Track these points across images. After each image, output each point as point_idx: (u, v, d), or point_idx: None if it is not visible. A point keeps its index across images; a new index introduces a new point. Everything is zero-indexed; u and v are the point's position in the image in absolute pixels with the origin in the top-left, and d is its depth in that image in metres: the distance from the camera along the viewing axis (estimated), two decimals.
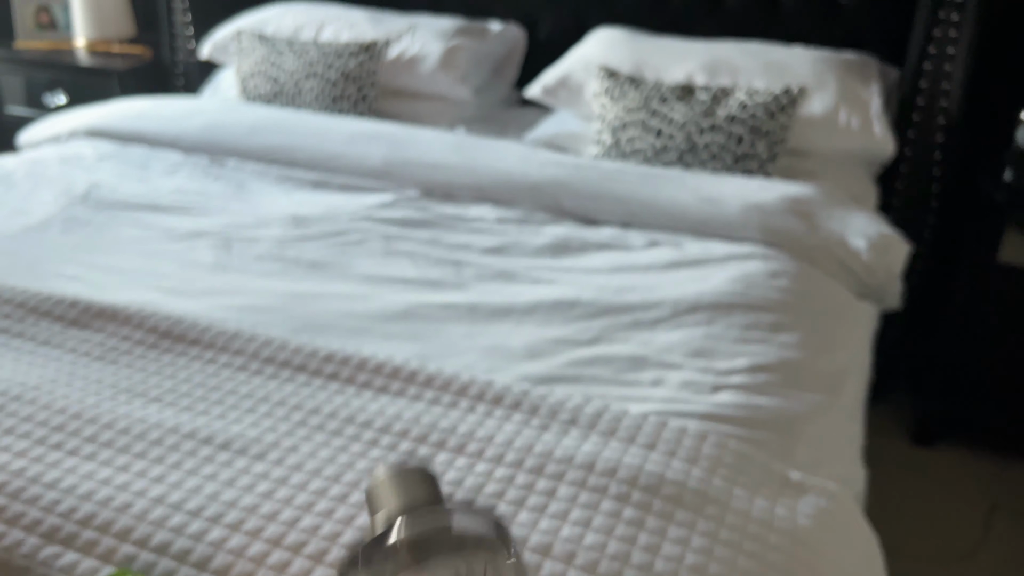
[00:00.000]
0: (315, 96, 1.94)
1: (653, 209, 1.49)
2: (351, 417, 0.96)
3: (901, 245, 1.47)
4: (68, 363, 1.07)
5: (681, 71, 1.77)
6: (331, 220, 1.49)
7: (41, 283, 1.25)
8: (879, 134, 1.66)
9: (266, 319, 1.18)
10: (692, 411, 1.00)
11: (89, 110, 1.93)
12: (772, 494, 0.89)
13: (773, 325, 1.19)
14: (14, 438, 0.94)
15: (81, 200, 1.54)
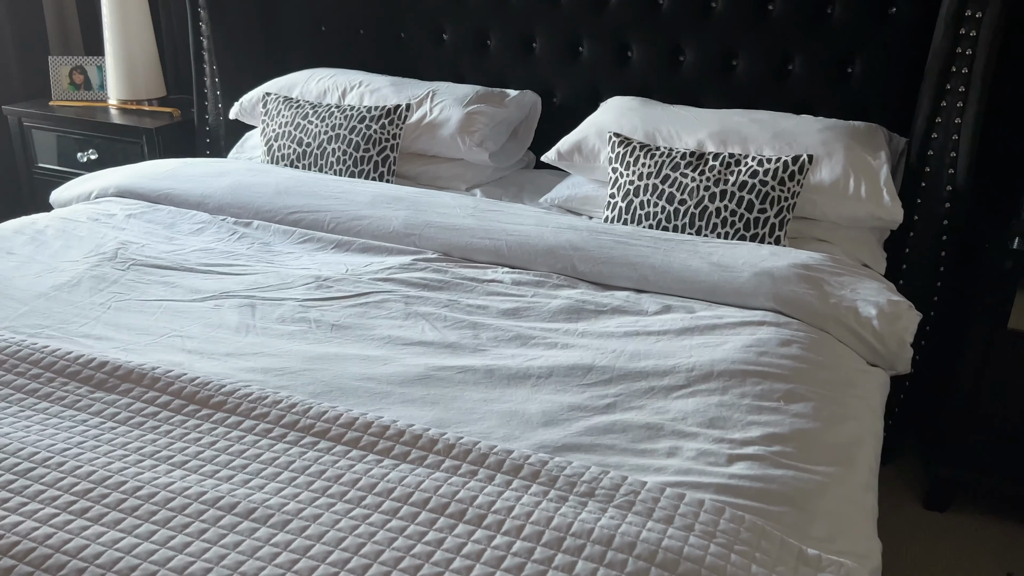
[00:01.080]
0: (338, 158, 2.00)
1: (665, 274, 1.51)
2: (371, 486, 0.97)
3: (911, 313, 1.49)
4: (94, 427, 1.10)
5: (692, 139, 1.82)
6: (352, 282, 1.52)
7: (69, 343, 1.28)
8: (887, 201, 1.69)
9: (288, 382, 1.20)
10: (708, 483, 1.01)
11: (119, 170, 2.00)
12: (789, 572, 0.90)
13: (786, 394, 1.21)
14: (40, 503, 0.95)
15: (110, 259, 1.59)
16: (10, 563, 0.87)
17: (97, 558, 0.87)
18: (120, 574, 0.85)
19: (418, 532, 0.91)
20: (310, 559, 0.86)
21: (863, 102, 1.94)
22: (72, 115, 2.44)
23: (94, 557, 0.87)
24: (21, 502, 0.95)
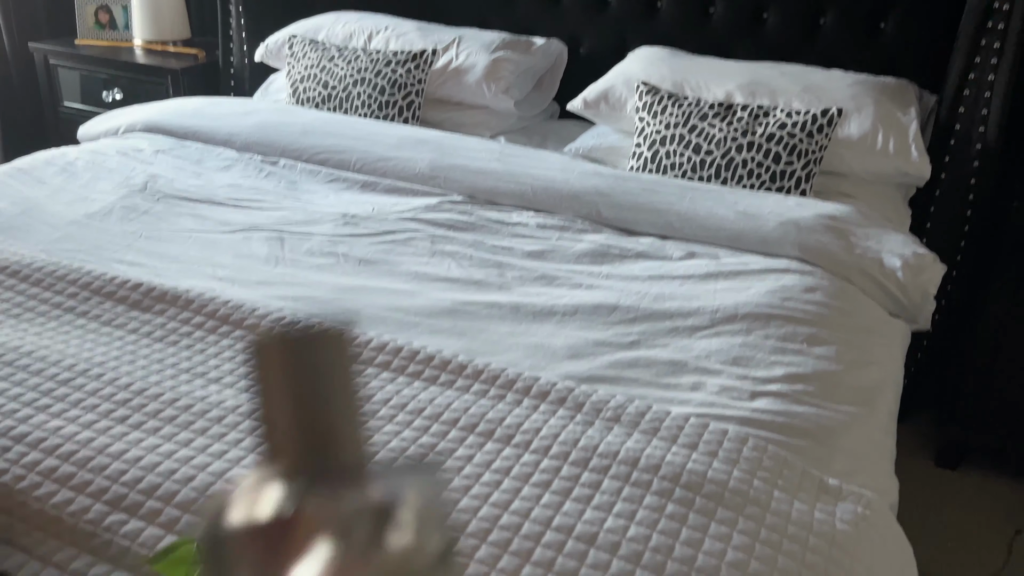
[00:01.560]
0: (363, 102, 2.00)
1: (691, 221, 1.52)
2: (402, 405, 0.99)
3: (936, 265, 1.49)
4: (131, 343, 1.12)
5: (721, 90, 1.81)
6: (379, 220, 1.53)
7: (103, 267, 1.31)
8: (915, 157, 1.68)
9: (318, 310, 1.22)
10: (731, 415, 1.03)
11: (146, 106, 2.00)
12: (811, 498, 0.92)
13: (809, 337, 1.22)
14: (81, 410, 0.98)
15: (140, 191, 1.60)
16: (55, 463, 0.90)
17: (138, 461, 0.90)
18: (162, 475, 0.88)
19: (448, 448, 0.93)
20: None
21: (894, 59, 1.92)
22: (97, 54, 2.44)
23: (135, 460, 0.90)
24: (63, 408, 0.98)
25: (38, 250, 1.35)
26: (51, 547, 0.85)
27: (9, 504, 0.88)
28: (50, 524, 0.87)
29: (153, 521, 0.86)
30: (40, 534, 0.86)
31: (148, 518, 0.86)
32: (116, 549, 0.84)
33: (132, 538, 0.85)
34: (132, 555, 0.82)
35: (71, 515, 0.87)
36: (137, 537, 0.85)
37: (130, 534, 0.85)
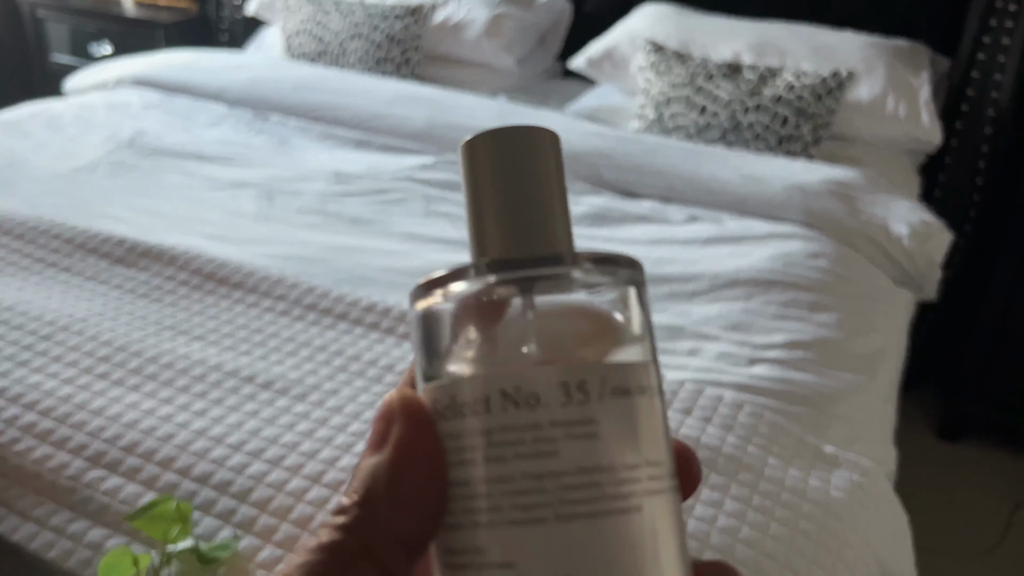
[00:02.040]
0: (359, 57, 1.95)
1: (694, 184, 1.48)
2: (391, 365, 0.97)
3: (943, 233, 1.45)
4: (114, 299, 1.10)
5: (728, 49, 1.75)
6: (372, 178, 1.50)
7: (89, 222, 1.27)
8: (926, 123, 1.64)
9: (308, 269, 1.19)
10: (728, 381, 1.01)
11: (136, 60, 1.95)
12: (806, 465, 0.90)
13: (811, 304, 1.19)
14: (62, 366, 0.96)
15: (127, 146, 1.57)
16: (35, 418, 0.88)
17: (120, 417, 0.88)
18: (143, 432, 0.86)
19: None
20: (331, 428, 0.87)
21: (908, 20, 1.86)
22: (86, 6, 2.37)
23: (117, 416, 0.88)
24: (44, 363, 0.95)
25: (22, 204, 1.31)
26: (30, 502, 0.83)
27: None
28: (29, 479, 0.85)
29: (133, 478, 0.84)
30: (19, 489, 0.85)
31: (128, 475, 0.84)
32: (96, 505, 0.82)
33: (112, 495, 0.83)
34: (112, 511, 0.81)
35: (51, 471, 0.85)
36: (117, 494, 0.83)
37: (110, 490, 0.83)
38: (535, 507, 0.19)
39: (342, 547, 0.18)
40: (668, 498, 0.20)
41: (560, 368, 0.20)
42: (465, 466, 0.20)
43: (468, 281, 0.21)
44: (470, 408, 0.20)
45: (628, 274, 0.22)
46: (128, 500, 0.81)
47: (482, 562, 0.19)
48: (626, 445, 0.20)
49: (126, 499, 0.82)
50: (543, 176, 0.22)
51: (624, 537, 0.19)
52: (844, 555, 0.82)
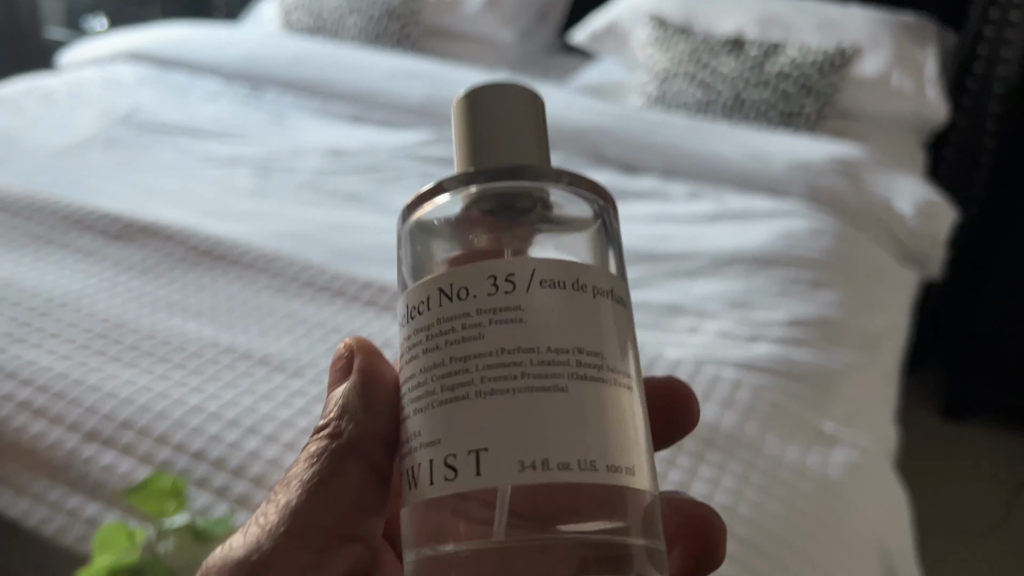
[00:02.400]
0: (357, 32, 1.92)
1: (696, 161, 1.46)
2: (388, 342, 0.96)
3: (947, 211, 1.44)
4: (111, 275, 1.09)
5: (732, 23, 1.73)
6: (369, 154, 1.48)
7: (83, 198, 1.26)
8: (932, 99, 1.61)
9: (304, 246, 1.18)
10: (728, 359, 1.00)
11: (131, 33, 1.93)
12: (805, 443, 0.89)
13: (813, 282, 1.18)
14: (59, 342, 0.95)
15: (122, 122, 1.55)
16: (31, 394, 0.88)
17: (116, 393, 0.88)
18: (139, 409, 0.86)
19: None
20: (323, 403, 0.86)
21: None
22: None
23: (113, 392, 0.88)
24: (40, 339, 0.95)
25: (17, 180, 1.30)
26: (27, 478, 0.83)
27: None
28: (26, 455, 0.85)
29: (130, 454, 0.84)
30: (16, 465, 0.85)
31: (125, 451, 0.84)
32: (93, 481, 0.82)
33: (109, 470, 0.83)
34: (109, 487, 0.80)
35: (48, 447, 0.85)
36: (114, 469, 0.83)
37: (107, 466, 0.83)
38: (459, 386, 0.20)
39: (330, 449, 0.21)
40: (612, 391, 0.20)
41: (490, 263, 0.21)
42: (412, 362, 0.21)
43: (450, 192, 0.23)
44: (416, 310, 0.22)
45: (601, 203, 0.23)
46: (125, 476, 0.81)
47: (418, 444, 0.20)
48: (553, 331, 0.20)
49: (123, 475, 0.82)
50: (522, 119, 0.24)
51: (542, 413, 0.19)
52: (842, 533, 0.82)
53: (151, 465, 0.82)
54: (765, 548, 0.76)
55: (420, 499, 0.20)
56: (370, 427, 0.21)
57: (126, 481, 0.80)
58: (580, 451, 0.19)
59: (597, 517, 0.19)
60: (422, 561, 0.20)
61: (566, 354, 0.20)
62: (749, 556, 0.75)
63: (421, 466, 0.20)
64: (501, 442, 0.19)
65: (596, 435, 0.20)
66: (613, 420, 0.20)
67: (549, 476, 0.19)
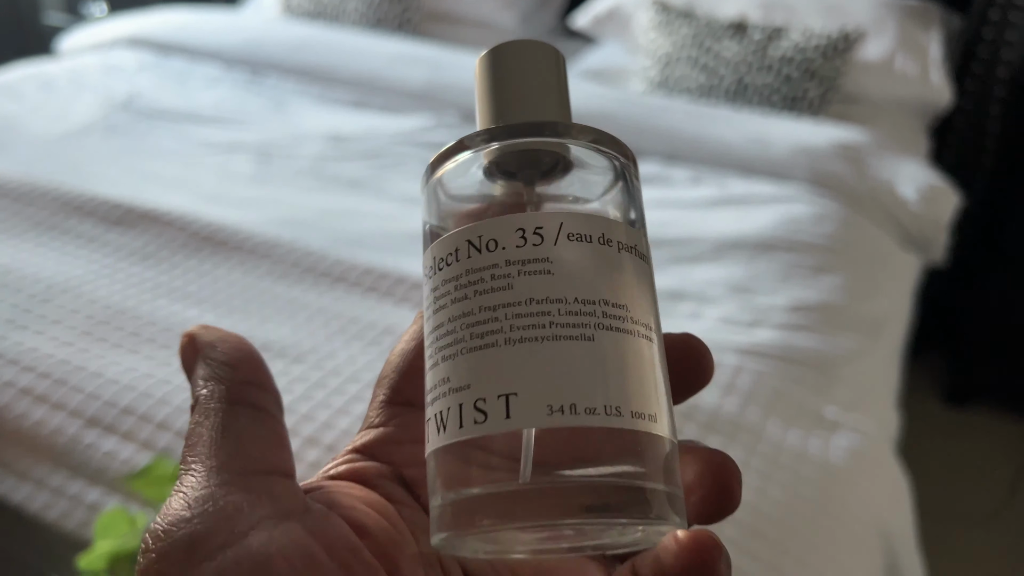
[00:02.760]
0: (358, 16, 1.91)
1: (698, 145, 1.46)
2: (389, 328, 0.96)
3: (950, 196, 1.43)
4: (111, 261, 1.09)
5: (735, 7, 1.71)
6: (370, 140, 1.47)
7: (83, 185, 1.26)
8: (936, 83, 1.60)
9: (304, 232, 1.18)
10: (729, 345, 1.00)
11: (131, 19, 1.92)
12: (806, 429, 0.89)
13: (815, 267, 1.17)
14: (60, 329, 0.95)
15: (122, 108, 1.54)
16: (33, 381, 0.88)
17: (117, 380, 0.88)
18: (140, 395, 0.86)
19: None
20: (329, 390, 0.86)
21: None
22: None
23: (114, 378, 0.88)
24: (42, 326, 0.95)
25: (17, 167, 1.30)
26: (29, 463, 0.84)
27: None
28: (28, 441, 0.85)
29: (132, 440, 0.84)
30: (18, 451, 0.85)
31: (127, 437, 0.84)
32: (94, 467, 0.82)
33: (111, 456, 0.83)
34: (110, 473, 0.81)
35: (49, 433, 0.85)
36: (116, 455, 0.83)
37: (109, 452, 0.83)
38: (489, 334, 0.21)
39: (212, 410, 0.22)
40: (635, 342, 0.21)
41: (519, 216, 0.22)
42: (440, 311, 0.22)
43: (472, 150, 0.23)
44: (444, 261, 0.22)
45: (622, 160, 0.23)
46: (126, 462, 0.81)
47: (446, 389, 0.21)
48: (580, 283, 0.21)
49: (124, 460, 0.82)
50: (544, 77, 0.24)
51: (570, 361, 0.20)
52: (842, 517, 0.82)
53: (152, 451, 0.82)
54: (766, 532, 0.76)
55: (448, 441, 0.20)
56: (235, 377, 0.23)
57: (127, 467, 0.80)
58: (606, 397, 0.20)
59: (619, 461, 0.20)
60: (449, 504, 0.20)
61: (592, 305, 0.21)
62: (750, 541, 0.75)
63: (450, 410, 0.20)
64: (530, 387, 0.20)
65: (621, 382, 0.20)
66: (636, 369, 0.21)
67: (576, 420, 0.20)
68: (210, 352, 0.23)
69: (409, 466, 0.24)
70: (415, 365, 0.25)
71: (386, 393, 0.25)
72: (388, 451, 0.24)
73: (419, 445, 0.23)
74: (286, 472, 0.22)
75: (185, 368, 0.24)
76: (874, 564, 0.82)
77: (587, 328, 0.20)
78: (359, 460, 0.24)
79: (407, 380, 0.25)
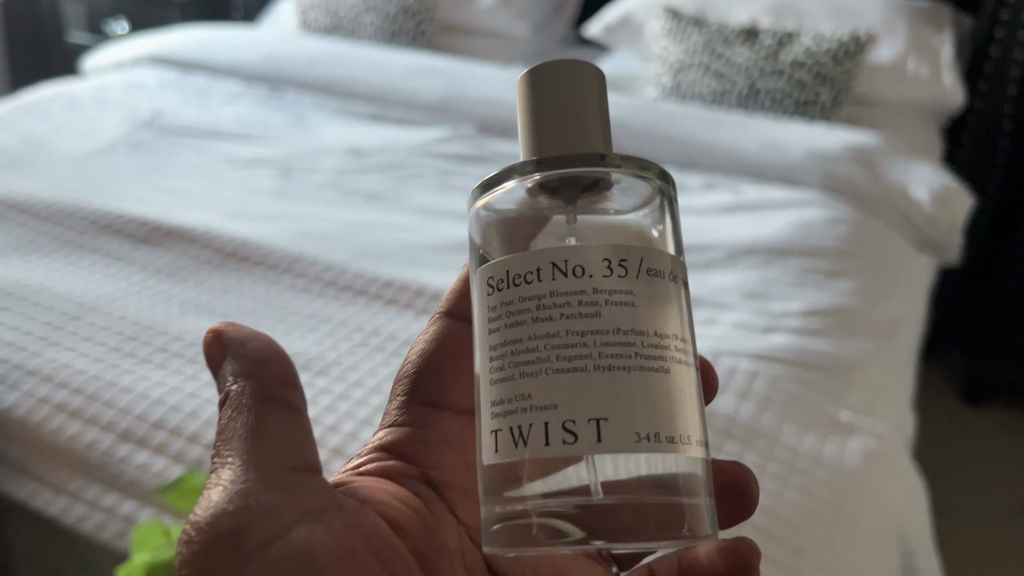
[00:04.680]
0: (373, 30, 1.94)
1: (712, 152, 1.47)
2: (410, 339, 0.98)
3: (964, 197, 1.43)
4: (139, 278, 1.12)
5: (746, 12, 1.72)
6: (388, 153, 1.50)
7: (110, 203, 1.29)
8: (948, 84, 1.60)
9: (326, 245, 1.21)
10: (744, 350, 1.01)
11: (152, 37, 1.96)
12: (821, 432, 0.90)
13: (829, 271, 1.18)
14: (91, 345, 0.99)
15: (145, 125, 1.58)
16: (67, 396, 0.91)
17: (148, 394, 0.90)
18: (170, 409, 0.89)
19: None
20: (351, 402, 0.89)
21: None
22: None
23: (145, 393, 0.91)
24: (74, 343, 0.98)
25: (45, 186, 1.34)
26: (64, 477, 0.87)
27: (23, 435, 0.89)
28: (63, 456, 0.88)
29: (163, 453, 0.87)
30: (53, 464, 0.88)
31: (158, 450, 0.87)
32: (127, 479, 0.85)
33: (143, 469, 0.86)
34: (143, 485, 0.83)
35: (84, 447, 0.88)
36: (148, 468, 0.86)
37: (141, 465, 0.86)
38: (577, 358, 0.22)
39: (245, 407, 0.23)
40: (692, 373, 0.23)
41: (604, 246, 0.23)
42: (516, 327, 0.23)
43: (516, 179, 0.24)
44: (523, 278, 0.23)
45: (661, 184, 0.25)
46: (158, 474, 0.84)
47: (528, 405, 0.22)
48: (658, 317, 0.22)
49: (156, 473, 0.85)
50: (586, 99, 0.25)
51: (653, 391, 0.22)
52: (860, 520, 0.83)
53: (183, 463, 0.85)
54: (783, 536, 0.77)
55: (533, 456, 0.22)
56: (266, 374, 0.23)
57: (160, 479, 0.83)
58: (681, 427, 0.22)
59: (679, 484, 0.22)
60: (506, 512, 0.22)
61: (668, 339, 0.22)
62: (767, 544, 0.76)
63: (532, 426, 0.22)
64: (620, 414, 0.21)
65: (688, 413, 0.22)
66: (696, 399, 0.23)
67: (659, 447, 0.21)
68: (240, 349, 0.24)
69: (436, 468, 0.24)
70: (436, 366, 0.25)
71: (406, 392, 0.25)
72: (414, 451, 0.24)
73: (444, 446, 0.24)
74: (316, 468, 0.23)
75: (210, 363, 0.24)
76: (891, 566, 0.83)
77: (664, 361, 0.22)
78: (386, 459, 0.24)
79: (428, 380, 0.25)
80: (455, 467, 0.24)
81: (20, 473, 0.88)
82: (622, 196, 0.24)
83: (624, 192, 0.24)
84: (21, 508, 0.85)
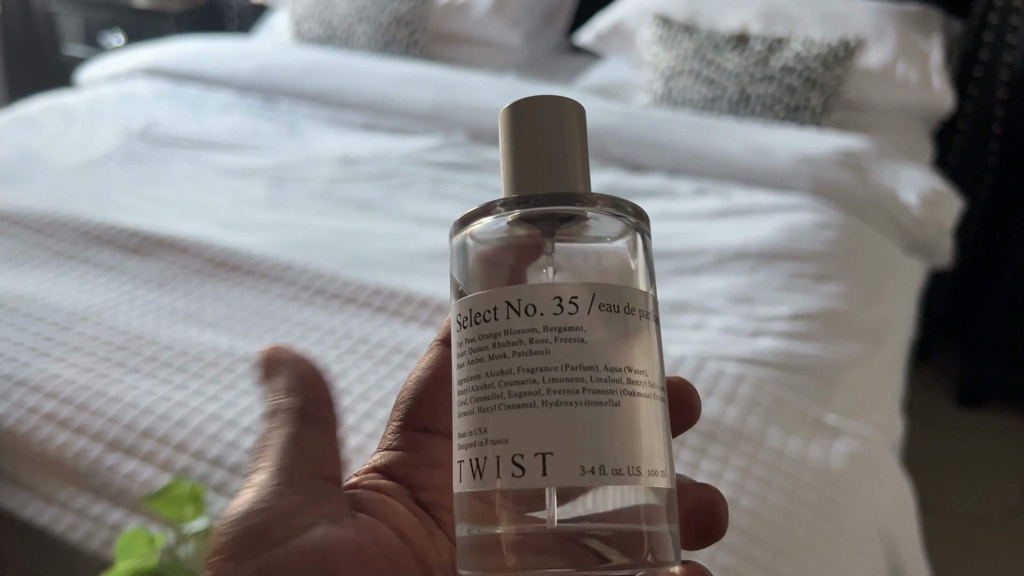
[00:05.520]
0: (367, 40, 1.95)
1: (701, 158, 1.48)
2: (399, 347, 0.99)
3: (953, 200, 1.44)
4: (129, 288, 1.13)
5: (736, 18, 1.73)
6: (380, 162, 1.51)
7: (103, 213, 1.30)
8: (938, 88, 1.61)
9: (316, 254, 1.21)
10: (731, 354, 1.01)
11: (147, 49, 1.97)
12: (807, 435, 0.91)
13: (818, 275, 1.19)
14: (81, 355, 0.99)
15: (139, 137, 1.59)
16: (56, 406, 0.91)
17: (137, 404, 0.91)
18: (159, 419, 0.89)
19: None
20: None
21: None
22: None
23: (134, 403, 0.91)
24: (64, 353, 0.99)
25: (39, 197, 1.35)
26: (54, 486, 0.87)
27: (13, 445, 0.90)
28: (52, 465, 0.88)
29: (151, 462, 0.87)
30: (43, 474, 0.88)
31: (146, 459, 0.88)
32: (115, 488, 0.85)
33: (131, 478, 0.86)
34: (131, 494, 0.84)
35: (72, 456, 0.89)
36: (136, 477, 0.86)
37: (129, 474, 0.87)
38: (526, 394, 0.23)
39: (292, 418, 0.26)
40: (651, 403, 0.23)
41: (555, 285, 0.24)
42: (476, 364, 0.24)
43: (495, 215, 0.25)
44: (483, 316, 0.24)
45: (636, 221, 0.25)
46: (146, 483, 0.85)
47: (484, 439, 0.23)
48: (610, 352, 0.23)
49: (144, 482, 0.85)
50: (565, 135, 0.26)
51: (600, 425, 0.22)
52: (844, 523, 0.83)
53: (171, 472, 0.85)
54: (766, 538, 0.78)
55: (485, 488, 0.23)
56: (312, 395, 0.26)
57: (147, 488, 0.84)
58: (628, 459, 0.22)
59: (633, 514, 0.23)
60: (477, 536, 0.23)
61: (619, 372, 0.23)
62: (750, 546, 0.77)
63: (486, 460, 0.23)
64: (565, 448, 0.22)
65: (641, 445, 0.23)
66: (653, 430, 0.23)
67: (604, 480, 0.22)
68: (293, 368, 0.26)
69: (424, 489, 0.26)
70: (430, 393, 0.27)
71: (401, 418, 0.27)
72: (405, 473, 0.26)
73: (433, 469, 0.26)
74: (338, 480, 0.25)
75: (260, 378, 0.27)
76: (876, 568, 0.84)
77: (614, 395, 0.22)
78: (381, 479, 0.26)
79: (422, 406, 0.27)
80: (443, 488, 0.26)
81: (10, 483, 0.88)
82: (599, 226, 0.25)
83: (601, 224, 0.25)
84: (9, 517, 0.86)
